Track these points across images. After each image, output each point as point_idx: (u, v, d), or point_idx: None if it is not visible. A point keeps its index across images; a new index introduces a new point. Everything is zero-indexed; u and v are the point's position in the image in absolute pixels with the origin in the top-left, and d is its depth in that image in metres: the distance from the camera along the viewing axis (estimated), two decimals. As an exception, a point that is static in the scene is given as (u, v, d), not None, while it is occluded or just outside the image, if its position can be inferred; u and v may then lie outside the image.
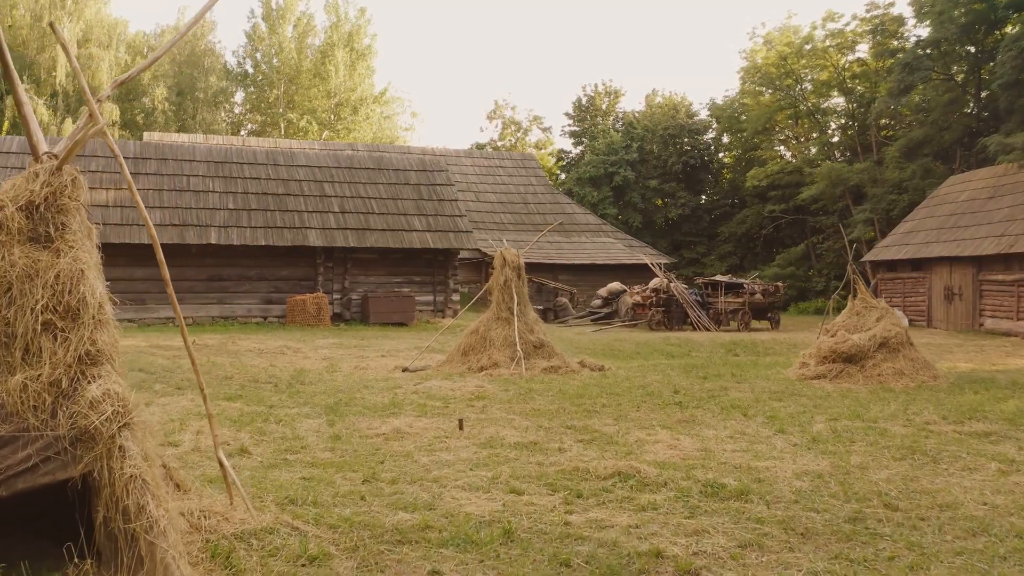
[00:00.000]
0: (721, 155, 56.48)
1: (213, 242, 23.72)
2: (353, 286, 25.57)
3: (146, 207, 24.09)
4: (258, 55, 55.63)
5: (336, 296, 25.43)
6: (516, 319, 15.35)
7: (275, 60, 55.25)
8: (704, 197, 54.77)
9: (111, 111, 51.26)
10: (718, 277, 30.77)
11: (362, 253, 25.64)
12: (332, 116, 54.50)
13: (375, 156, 28.59)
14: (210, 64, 54.73)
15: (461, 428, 9.21)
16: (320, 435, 9.17)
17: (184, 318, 20.26)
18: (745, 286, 29.58)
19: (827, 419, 10.51)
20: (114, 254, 24.59)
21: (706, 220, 52.94)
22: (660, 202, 53.40)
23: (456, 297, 26.62)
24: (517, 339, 15.07)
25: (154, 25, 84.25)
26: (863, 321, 15.54)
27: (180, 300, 24.35)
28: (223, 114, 56.03)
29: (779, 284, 31.19)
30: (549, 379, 13.97)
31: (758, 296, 29.51)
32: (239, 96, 57.51)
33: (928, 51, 37.22)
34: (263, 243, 24.09)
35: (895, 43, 41.95)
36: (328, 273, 25.33)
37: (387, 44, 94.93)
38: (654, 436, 9.09)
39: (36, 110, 50.25)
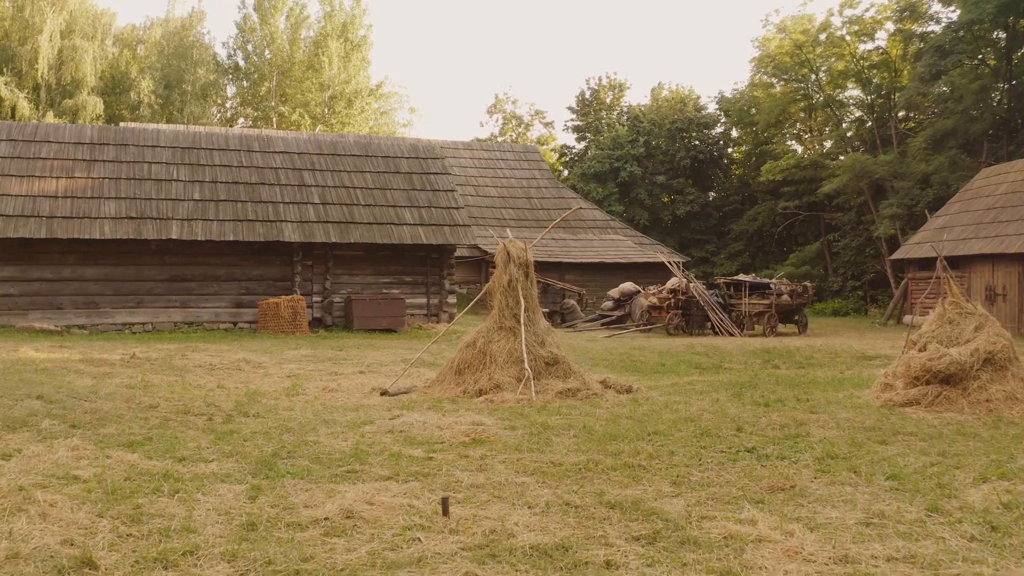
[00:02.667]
0: (730, 150, 53.07)
1: (175, 237, 20.26)
2: (335, 287, 22.09)
3: (101, 198, 20.69)
4: (249, 47, 52.15)
5: (316, 299, 21.93)
6: (523, 329, 11.91)
7: (267, 52, 51.79)
8: (713, 193, 51.32)
9: (95, 104, 47.95)
10: (741, 276, 27.31)
11: (345, 249, 22.18)
12: (326, 109, 51.00)
13: (362, 142, 25.00)
14: (198, 56, 51.20)
15: (446, 512, 5.75)
16: (227, 521, 5.73)
17: (143, 324, 16.85)
18: (771, 286, 26.14)
19: (974, 480, 7.11)
20: (63, 251, 21.15)
21: (715, 217, 49.49)
22: (667, 198, 50.04)
23: (452, 299, 23.07)
24: (525, 354, 11.64)
25: (143, 18, 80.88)
26: (958, 331, 12.06)
27: (138, 303, 20.89)
28: (214, 109, 52.57)
29: (807, 284, 27.74)
30: (567, 408, 10.53)
31: (785, 297, 26.09)
32: (230, 90, 54.06)
33: (960, 33, 33.80)
34: (232, 238, 20.62)
35: (918, 28, 38.51)
36: (306, 272, 21.85)
37: (384, 37, 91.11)
38: (749, 525, 5.63)
39: (16, 104, 46.92)
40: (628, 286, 27.21)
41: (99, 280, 20.44)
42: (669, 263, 27.00)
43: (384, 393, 11.71)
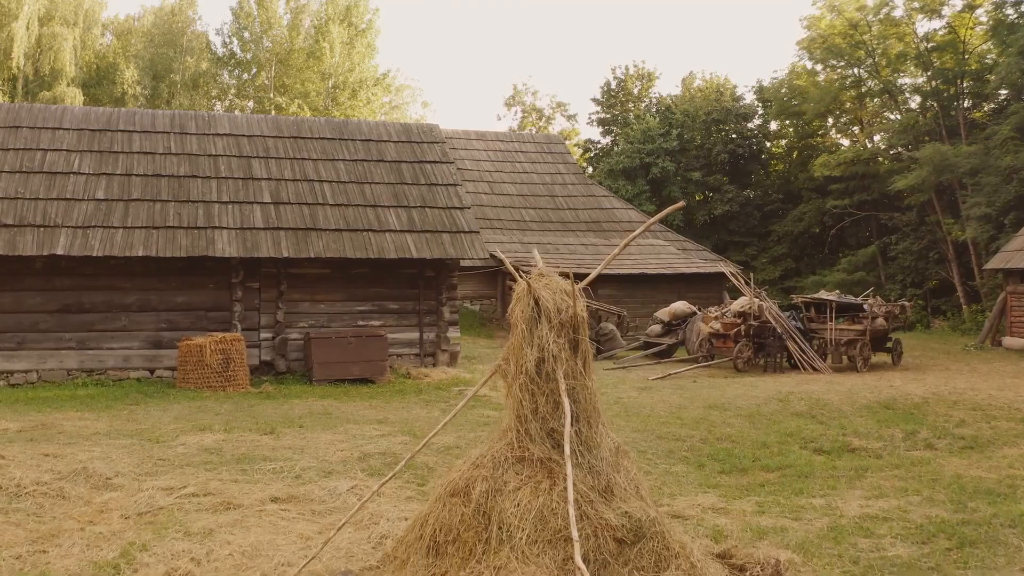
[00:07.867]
0: (769, 144, 46.30)
1: (60, 252, 13.79)
2: (291, 319, 15.52)
3: (-29, 197, 14.15)
4: (246, 34, 45.79)
5: (264, 335, 15.32)
6: (569, 465, 5.35)
7: (264, 40, 45.44)
8: (752, 192, 44.55)
9: (74, 96, 41.86)
10: (824, 294, 20.64)
11: (305, 267, 15.53)
12: (328, 100, 44.56)
13: (336, 123, 18.24)
14: (189, 44, 44.94)
15: None
16: None
17: (25, 372, 10.01)
18: (866, 307, 19.44)
19: None
20: (-84, 273, 14.78)
21: (755, 217, 42.72)
22: (700, 197, 43.39)
23: (454, 332, 16.33)
24: (574, 524, 5.05)
25: (138, 8, 74.76)
26: None
27: (18, 343, 14.11)
28: (206, 101, 46.28)
29: (905, 303, 21.09)
30: None
31: (880, 321, 19.45)
32: (226, 80, 47.67)
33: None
34: (141, 253, 14.10)
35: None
36: (251, 299, 15.25)
37: (393, 25, 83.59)
38: None
39: (-9, 96, 40.94)
40: (681, 307, 20.57)
41: (-30, 311, 14.07)
42: (732, 275, 20.41)
43: (273, 607, 5.22)
